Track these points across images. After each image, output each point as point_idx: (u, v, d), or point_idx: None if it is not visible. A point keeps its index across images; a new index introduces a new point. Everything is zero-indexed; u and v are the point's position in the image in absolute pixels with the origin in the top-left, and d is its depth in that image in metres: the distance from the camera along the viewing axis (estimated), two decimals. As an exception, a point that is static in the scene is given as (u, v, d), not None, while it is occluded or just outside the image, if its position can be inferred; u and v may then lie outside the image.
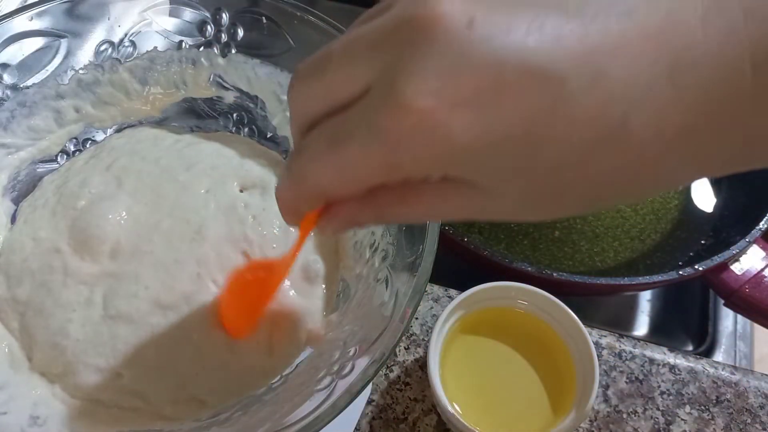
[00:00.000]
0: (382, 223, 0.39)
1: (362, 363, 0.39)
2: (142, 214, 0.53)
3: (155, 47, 0.57)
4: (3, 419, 0.45)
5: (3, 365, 0.49)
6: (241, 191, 0.55)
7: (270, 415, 0.42)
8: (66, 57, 0.55)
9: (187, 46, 0.57)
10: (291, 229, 0.52)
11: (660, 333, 0.77)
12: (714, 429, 0.57)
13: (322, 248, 0.53)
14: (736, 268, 0.64)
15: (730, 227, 0.69)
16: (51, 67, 0.55)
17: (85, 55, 0.56)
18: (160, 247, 0.51)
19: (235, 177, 0.55)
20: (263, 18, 0.55)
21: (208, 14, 0.57)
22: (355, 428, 0.55)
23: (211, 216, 0.52)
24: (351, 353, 0.41)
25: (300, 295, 0.51)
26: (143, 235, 0.52)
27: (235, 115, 0.61)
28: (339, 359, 0.42)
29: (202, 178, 0.54)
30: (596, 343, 0.61)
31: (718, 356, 0.75)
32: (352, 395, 0.37)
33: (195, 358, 0.48)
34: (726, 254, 0.62)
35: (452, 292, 0.63)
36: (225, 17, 0.56)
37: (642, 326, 0.77)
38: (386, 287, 0.44)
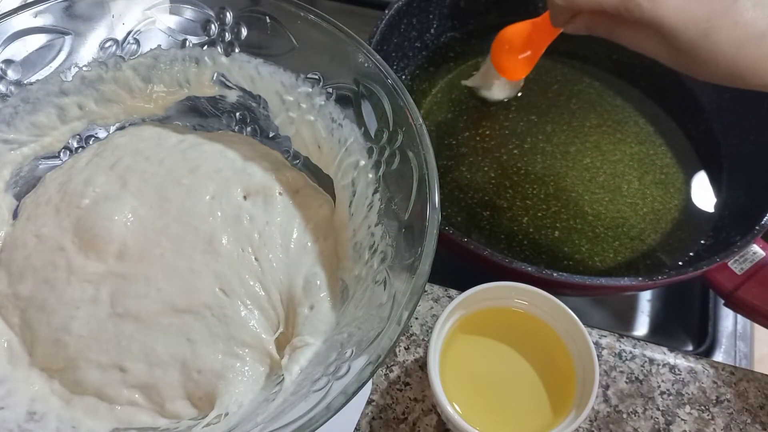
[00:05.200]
0: (606, 37, 0.55)
1: (358, 364, 0.39)
2: (148, 217, 0.53)
3: (159, 45, 0.57)
4: (0, 414, 0.45)
5: (2, 360, 0.49)
6: (245, 198, 0.55)
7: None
8: (70, 54, 0.55)
9: (191, 45, 0.58)
10: (290, 249, 0.53)
11: (660, 333, 0.77)
12: (714, 429, 0.57)
13: (323, 256, 0.53)
14: (736, 268, 0.64)
15: (730, 227, 0.69)
16: (55, 64, 0.55)
17: (88, 52, 0.56)
18: (171, 252, 0.51)
19: (239, 182, 0.55)
20: (267, 17, 0.55)
21: (212, 13, 0.57)
22: (355, 428, 0.56)
23: (219, 228, 0.53)
24: (348, 354, 0.41)
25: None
26: (151, 239, 0.52)
27: (237, 114, 0.61)
28: (335, 360, 0.42)
29: (207, 183, 0.55)
30: (596, 343, 0.61)
31: (718, 356, 0.75)
32: (347, 396, 0.37)
33: (203, 357, 0.49)
34: (726, 254, 0.62)
35: (452, 292, 0.63)
36: (229, 16, 0.56)
37: (642, 326, 0.77)
38: (384, 289, 0.44)
